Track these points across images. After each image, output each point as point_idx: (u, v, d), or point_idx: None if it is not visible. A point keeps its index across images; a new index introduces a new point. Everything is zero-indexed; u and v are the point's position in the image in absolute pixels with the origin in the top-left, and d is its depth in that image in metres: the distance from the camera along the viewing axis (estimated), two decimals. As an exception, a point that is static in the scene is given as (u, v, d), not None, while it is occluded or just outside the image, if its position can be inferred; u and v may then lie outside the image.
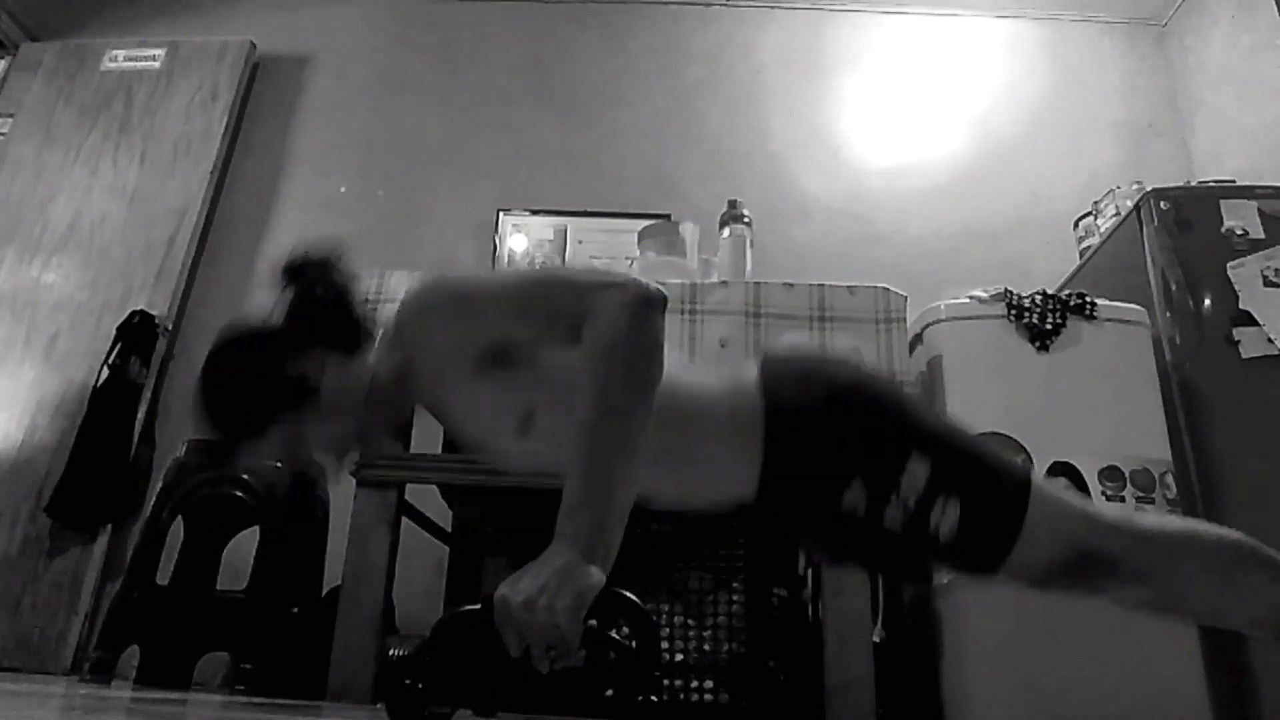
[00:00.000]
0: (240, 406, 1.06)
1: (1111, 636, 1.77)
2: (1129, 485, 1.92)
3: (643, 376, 0.90)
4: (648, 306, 0.91)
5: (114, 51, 3.51)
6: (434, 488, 2.27)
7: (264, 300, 1.11)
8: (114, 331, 2.91)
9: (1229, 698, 1.84)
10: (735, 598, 2.08)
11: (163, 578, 2.20)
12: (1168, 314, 2.18)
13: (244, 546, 2.29)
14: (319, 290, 1.08)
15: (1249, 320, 2.12)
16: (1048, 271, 2.70)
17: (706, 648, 2.00)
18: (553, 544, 0.84)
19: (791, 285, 1.99)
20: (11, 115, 3.43)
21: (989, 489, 1.04)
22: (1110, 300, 2.12)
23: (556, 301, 0.96)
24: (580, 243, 3.17)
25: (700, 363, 1.11)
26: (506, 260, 3.09)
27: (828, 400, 1.06)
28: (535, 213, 3.24)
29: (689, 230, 2.32)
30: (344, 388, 1.06)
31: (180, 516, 2.28)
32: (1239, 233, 2.21)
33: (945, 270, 2.91)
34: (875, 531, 1.02)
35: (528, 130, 3.41)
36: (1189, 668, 1.79)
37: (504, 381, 1.01)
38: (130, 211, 3.21)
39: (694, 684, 1.98)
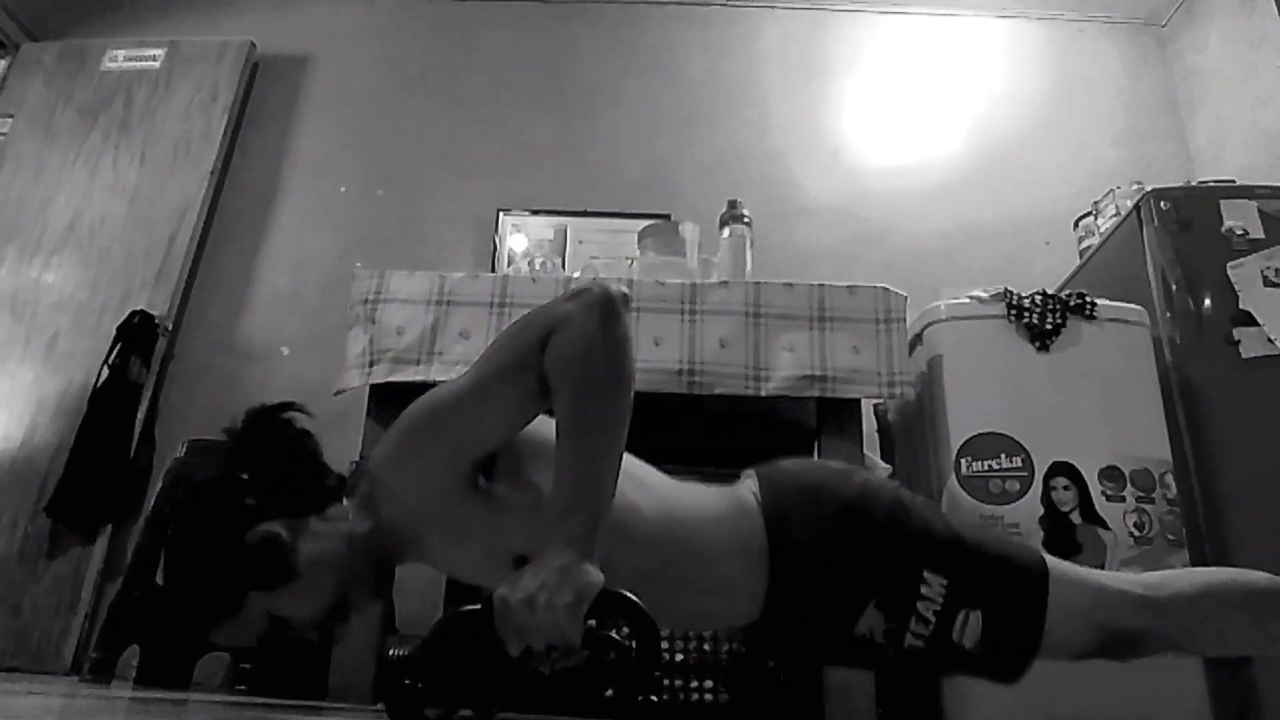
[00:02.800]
0: (211, 583, 0.98)
1: (1111, 636, 1.78)
2: (1129, 485, 1.92)
3: (616, 373, 0.90)
4: (608, 305, 0.90)
5: (114, 51, 3.51)
6: (434, 488, 2.26)
7: (210, 464, 1.04)
8: (114, 331, 2.91)
9: (1229, 698, 1.84)
10: (735, 598, 2.07)
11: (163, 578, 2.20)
12: (1168, 314, 2.18)
13: (244, 546, 2.29)
14: (278, 450, 1.00)
15: (1249, 320, 2.12)
16: (1048, 271, 2.70)
17: (706, 648, 2.00)
18: (549, 545, 0.85)
19: (791, 285, 1.99)
20: (11, 115, 3.43)
21: (1008, 594, 1.03)
22: (1110, 300, 2.11)
23: (523, 339, 0.92)
24: (580, 243, 3.16)
25: (690, 483, 1.11)
26: (506, 261, 3.08)
27: (835, 523, 1.04)
28: (535, 213, 3.23)
29: (689, 230, 2.31)
30: (320, 551, 0.97)
31: (180, 516, 2.28)
32: (1239, 233, 2.21)
33: (945, 270, 2.91)
34: (896, 653, 1.01)
35: (528, 130, 3.41)
36: (1189, 668, 1.78)
37: (493, 507, 0.96)
38: (130, 211, 3.21)
39: (694, 684, 1.98)
